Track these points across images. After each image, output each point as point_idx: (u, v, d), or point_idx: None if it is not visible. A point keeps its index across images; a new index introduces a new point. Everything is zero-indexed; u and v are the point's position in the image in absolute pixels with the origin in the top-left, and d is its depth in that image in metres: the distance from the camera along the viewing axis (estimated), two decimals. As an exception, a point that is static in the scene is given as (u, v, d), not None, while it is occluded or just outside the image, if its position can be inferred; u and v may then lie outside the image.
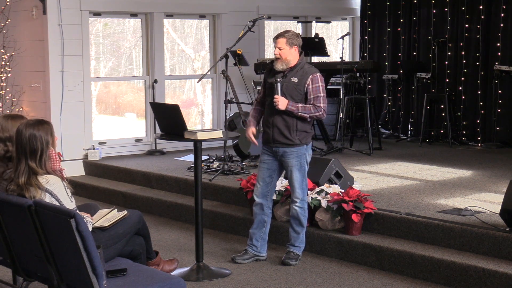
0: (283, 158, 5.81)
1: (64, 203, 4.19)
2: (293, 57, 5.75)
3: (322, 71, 10.25)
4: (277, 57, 5.75)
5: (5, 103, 9.47)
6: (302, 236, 5.97)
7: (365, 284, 5.47)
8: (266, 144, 5.89)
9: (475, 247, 5.52)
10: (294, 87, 5.72)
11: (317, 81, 5.73)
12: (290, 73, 5.75)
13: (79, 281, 3.89)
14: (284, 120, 5.73)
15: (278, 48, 5.73)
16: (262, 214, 5.98)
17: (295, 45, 5.75)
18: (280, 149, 5.79)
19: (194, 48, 11.17)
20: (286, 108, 5.67)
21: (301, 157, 5.79)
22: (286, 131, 5.73)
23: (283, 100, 5.67)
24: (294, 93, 5.72)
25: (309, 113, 5.71)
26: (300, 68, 5.76)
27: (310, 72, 5.75)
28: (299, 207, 5.87)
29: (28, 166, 4.19)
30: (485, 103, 10.11)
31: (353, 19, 12.16)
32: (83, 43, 9.26)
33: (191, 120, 11.34)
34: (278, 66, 5.75)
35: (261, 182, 5.94)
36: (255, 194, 5.99)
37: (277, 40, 5.74)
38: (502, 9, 9.87)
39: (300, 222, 5.91)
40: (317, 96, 5.71)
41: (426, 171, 8.14)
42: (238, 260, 5.99)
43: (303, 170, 5.84)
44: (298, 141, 5.75)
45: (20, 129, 4.24)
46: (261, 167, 5.95)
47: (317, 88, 5.72)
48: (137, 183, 8.54)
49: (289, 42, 5.71)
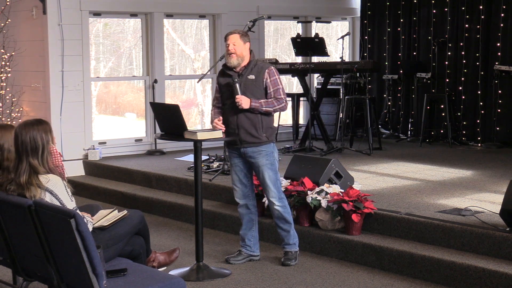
0: (251, 159, 5.79)
1: (64, 202, 4.20)
2: (246, 53, 5.78)
3: (322, 71, 10.38)
4: (231, 52, 5.71)
5: (5, 103, 9.47)
6: (293, 232, 5.95)
7: (365, 284, 5.47)
8: (232, 146, 5.87)
9: (475, 247, 5.52)
10: (253, 84, 5.73)
11: (274, 74, 5.77)
12: (245, 72, 5.76)
13: (79, 281, 3.89)
14: (248, 119, 5.72)
15: (232, 44, 5.71)
16: (248, 213, 5.99)
17: (248, 41, 5.78)
18: (248, 149, 5.76)
19: (194, 48, 11.18)
20: (250, 106, 5.67)
21: (270, 155, 5.79)
22: (253, 130, 5.72)
23: (246, 99, 5.66)
24: (254, 90, 5.73)
25: (273, 107, 5.73)
26: (253, 65, 5.79)
27: (265, 67, 5.79)
28: (279, 206, 5.85)
29: (30, 164, 4.20)
30: (485, 103, 10.11)
31: (353, 19, 12.17)
32: (83, 43, 9.26)
33: (191, 120, 11.34)
34: (233, 61, 5.72)
35: (239, 184, 5.94)
36: (236, 197, 5.99)
37: (229, 36, 5.74)
38: (502, 9, 9.87)
39: (285, 220, 5.90)
40: (276, 88, 5.75)
41: (426, 171, 8.14)
42: (232, 261, 5.98)
43: (275, 168, 5.82)
44: (265, 138, 5.75)
45: (19, 130, 4.27)
46: (234, 171, 5.93)
47: (275, 81, 5.76)
48: (137, 183, 8.54)
49: (242, 38, 5.74)
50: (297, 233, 6.05)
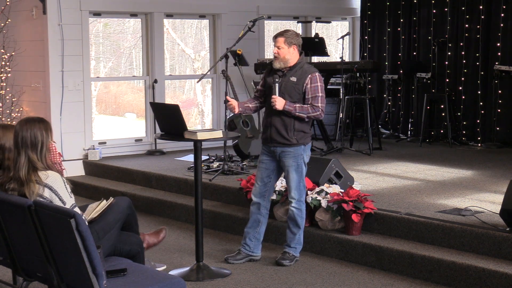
0: (280, 158, 5.82)
1: (64, 198, 4.21)
2: (292, 56, 5.76)
3: (322, 71, 10.28)
4: (275, 55, 5.77)
5: (5, 103, 9.47)
6: (299, 237, 5.96)
7: (365, 284, 5.47)
8: (264, 143, 5.91)
9: (475, 247, 5.52)
10: (292, 86, 5.73)
11: (316, 80, 5.73)
12: (289, 73, 5.77)
13: (79, 281, 3.89)
14: (281, 120, 5.74)
15: (277, 47, 5.75)
16: (257, 213, 5.98)
17: (294, 44, 5.76)
18: (278, 148, 5.79)
19: (194, 48, 11.18)
20: (284, 108, 5.68)
21: (298, 157, 5.79)
22: (284, 131, 5.74)
23: (280, 100, 5.67)
24: (293, 93, 5.73)
25: (307, 113, 5.71)
26: (299, 67, 5.77)
27: (309, 71, 5.76)
28: (295, 208, 5.86)
29: (29, 158, 4.22)
30: (485, 103, 10.11)
31: (353, 19, 12.17)
32: (83, 43, 9.26)
33: (191, 120, 11.35)
34: (276, 64, 5.78)
35: (259, 182, 5.95)
36: (253, 193, 6.00)
37: (276, 39, 5.77)
38: (502, 9, 9.87)
39: (296, 223, 5.90)
40: (315, 95, 5.72)
41: (426, 171, 8.14)
42: (231, 261, 5.98)
43: (300, 171, 5.83)
44: (295, 141, 5.75)
45: (18, 127, 4.30)
46: (259, 167, 5.96)
47: (315, 88, 5.72)
48: (137, 183, 8.54)
49: (288, 41, 5.73)
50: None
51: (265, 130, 5.85)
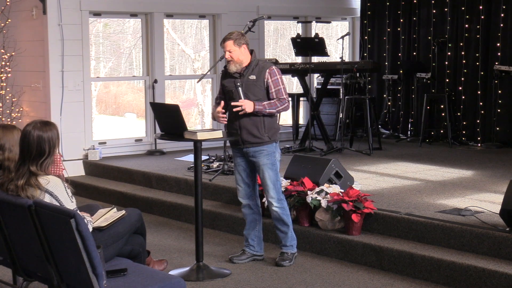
0: (253, 158, 5.80)
1: (64, 204, 4.19)
2: (245, 56, 5.77)
3: (322, 71, 10.38)
4: (229, 60, 5.76)
5: (5, 103, 9.48)
6: (291, 234, 5.95)
7: (365, 284, 5.47)
8: (235, 146, 5.88)
9: (475, 247, 5.52)
10: (254, 84, 5.74)
11: (275, 73, 5.77)
12: (246, 72, 5.77)
13: (79, 281, 3.89)
14: (251, 120, 5.73)
15: (228, 51, 5.73)
16: (252, 213, 5.98)
17: (243, 44, 5.76)
18: (250, 149, 5.78)
19: (194, 48, 11.19)
20: (254, 110, 5.67)
21: (271, 155, 5.79)
22: (255, 130, 5.73)
23: (249, 103, 5.67)
24: (255, 90, 5.74)
25: (276, 108, 5.73)
26: (255, 65, 5.79)
27: (266, 66, 5.79)
28: (278, 208, 5.84)
29: (29, 170, 4.19)
30: (485, 103, 10.11)
31: (353, 19, 12.16)
32: (83, 43, 9.26)
33: (191, 120, 11.36)
34: (232, 68, 5.76)
35: (242, 184, 5.94)
36: (239, 197, 5.99)
37: (225, 43, 5.74)
38: (502, 9, 9.87)
39: (283, 222, 5.89)
40: (278, 89, 5.75)
41: (426, 171, 8.14)
42: (235, 261, 5.98)
43: (275, 169, 5.83)
44: (268, 138, 5.76)
45: (28, 130, 4.22)
46: (237, 170, 5.94)
47: (276, 81, 5.75)
48: (137, 183, 8.54)
49: (237, 42, 5.72)
50: (297, 233, 6.06)
51: (233, 133, 5.79)
